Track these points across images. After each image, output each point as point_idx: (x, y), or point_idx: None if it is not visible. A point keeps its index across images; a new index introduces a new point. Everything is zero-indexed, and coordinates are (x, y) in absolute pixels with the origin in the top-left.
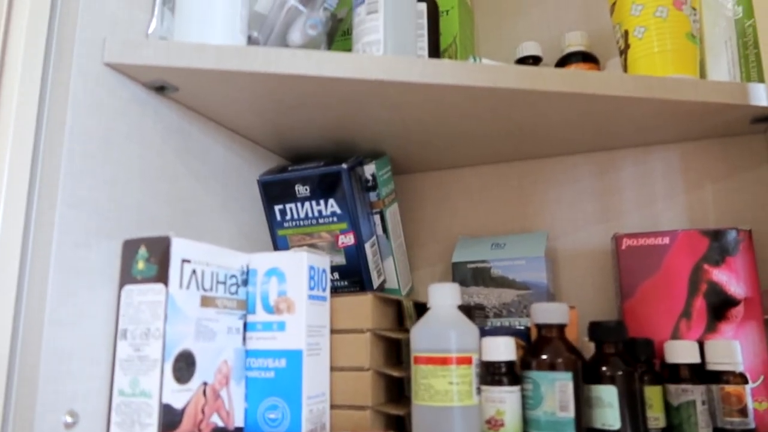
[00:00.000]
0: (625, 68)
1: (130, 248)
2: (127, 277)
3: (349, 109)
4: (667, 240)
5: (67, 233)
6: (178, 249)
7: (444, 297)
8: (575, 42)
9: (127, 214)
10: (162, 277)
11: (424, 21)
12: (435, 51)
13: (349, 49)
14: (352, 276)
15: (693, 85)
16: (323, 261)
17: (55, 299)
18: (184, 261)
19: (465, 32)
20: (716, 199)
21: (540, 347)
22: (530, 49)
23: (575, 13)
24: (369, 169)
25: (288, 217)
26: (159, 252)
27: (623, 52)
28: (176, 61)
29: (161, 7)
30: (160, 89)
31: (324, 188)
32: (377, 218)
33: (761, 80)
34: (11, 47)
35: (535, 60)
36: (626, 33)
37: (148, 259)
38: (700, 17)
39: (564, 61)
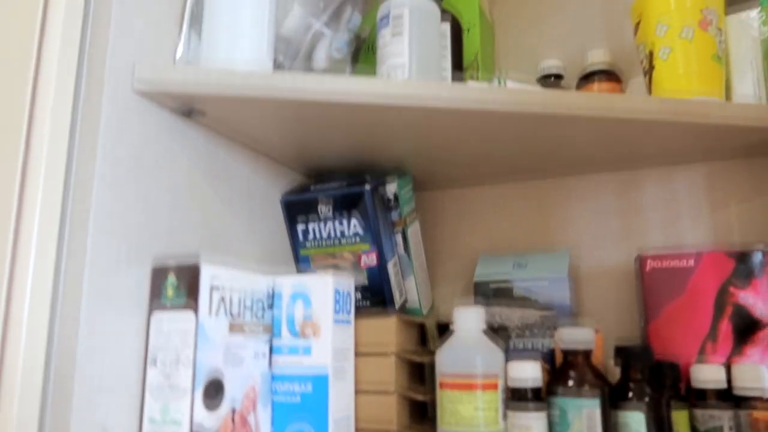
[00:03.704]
0: (649, 89)
1: (159, 275)
2: (156, 303)
3: (374, 131)
4: (692, 261)
5: (98, 260)
6: (207, 276)
7: (469, 321)
8: (598, 60)
9: (157, 239)
10: (191, 304)
11: (448, 41)
12: (458, 70)
13: (374, 65)
14: (374, 296)
15: (719, 107)
16: (348, 284)
17: (86, 327)
18: (213, 288)
19: (486, 49)
20: (741, 220)
21: (566, 373)
22: (552, 67)
23: (596, 28)
24: (391, 189)
25: (310, 236)
26: (188, 279)
27: (647, 72)
28: (204, 87)
29: (188, 32)
30: (188, 114)
31: (347, 208)
32: (399, 237)
33: None
34: (43, 75)
35: (557, 78)
36: (651, 54)
37: (178, 287)
38: (725, 37)
39: (586, 79)
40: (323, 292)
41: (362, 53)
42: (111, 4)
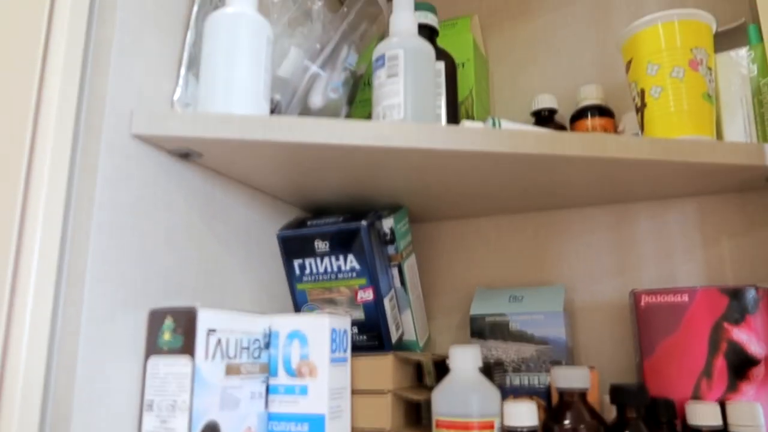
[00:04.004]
0: (641, 126)
1: (156, 318)
2: (153, 347)
3: (370, 170)
4: (686, 297)
5: (95, 308)
6: (204, 320)
7: (465, 360)
8: (591, 95)
9: (153, 282)
10: (188, 348)
11: (442, 79)
12: (453, 108)
13: (370, 101)
14: (370, 331)
15: (710, 147)
16: (344, 322)
17: (83, 375)
18: (209, 331)
19: (481, 84)
20: (733, 255)
21: (562, 413)
22: (546, 101)
23: (589, 65)
24: (387, 223)
25: (307, 271)
26: (185, 323)
27: (639, 110)
28: (201, 131)
29: (186, 74)
30: (185, 156)
31: (343, 244)
32: (395, 271)
33: None
34: (42, 123)
35: (550, 113)
36: (642, 92)
37: (174, 330)
38: (715, 76)
39: (579, 114)
40: (320, 333)
41: (360, 87)
42: (110, 50)
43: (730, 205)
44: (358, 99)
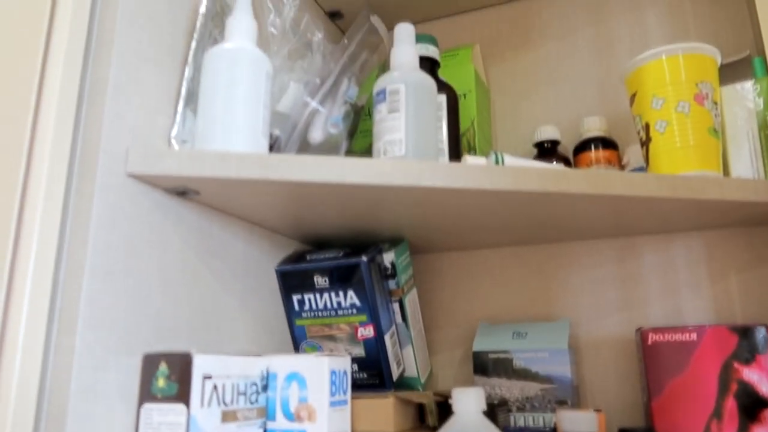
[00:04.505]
0: (646, 160)
1: (150, 364)
2: (146, 394)
3: (370, 206)
4: (694, 336)
5: (86, 356)
6: (200, 366)
7: (469, 403)
8: (594, 127)
9: (147, 325)
10: (183, 396)
11: (444, 111)
12: (455, 141)
13: (371, 131)
14: (371, 368)
15: (717, 183)
16: (344, 362)
17: (74, 425)
18: (205, 377)
19: (482, 114)
20: (741, 291)
21: None
22: (548, 133)
23: (592, 95)
24: (388, 258)
25: (306, 307)
26: (180, 369)
27: (644, 144)
28: (199, 170)
29: (184, 110)
30: (182, 193)
31: (343, 279)
32: (396, 306)
33: None
34: (35, 163)
35: (553, 144)
36: (647, 126)
37: (169, 377)
38: (720, 110)
39: (583, 146)
40: (319, 375)
41: (361, 118)
42: (106, 88)
43: (737, 240)
44: (359, 129)
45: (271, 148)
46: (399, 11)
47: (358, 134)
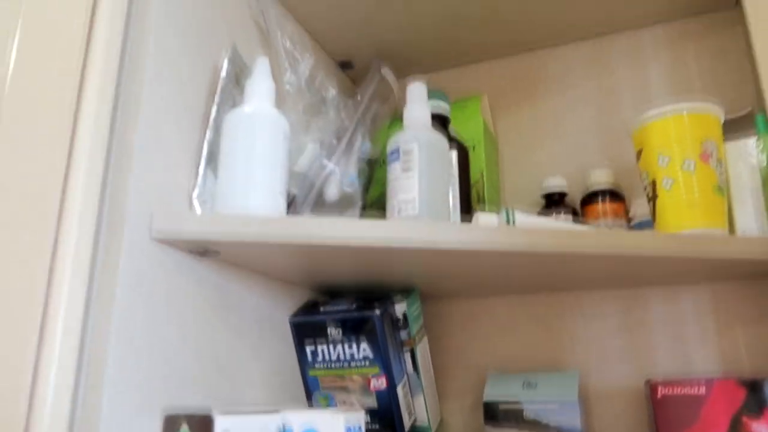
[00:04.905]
0: (653, 216)
1: (171, 424)
2: None
3: (383, 262)
4: (703, 389)
5: (111, 419)
6: (221, 426)
7: None
8: (602, 180)
9: (167, 383)
10: None
11: (455, 168)
12: (466, 195)
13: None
14: (383, 419)
15: (723, 241)
16: (358, 417)
17: None
18: None
19: (491, 165)
20: (749, 343)
21: None
22: (556, 185)
23: (596, 147)
24: (400, 308)
25: (319, 357)
26: (201, 429)
27: (651, 199)
28: (221, 233)
29: (205, 170)
30: (203, 254)
31: (356, 331)
32: (408, 356)
33: None
34: (64, 230)
35: (561, 195)
36: (654, 183)
37: None
38: (725, 167)
39: (591, 199)
40: (334, 430)
41: (376, 170)
42: (132, 150)
43: (744, 293)
44: (376, 177)
45: (288, 206)
46: (408, 61)
47: (373, 183)
